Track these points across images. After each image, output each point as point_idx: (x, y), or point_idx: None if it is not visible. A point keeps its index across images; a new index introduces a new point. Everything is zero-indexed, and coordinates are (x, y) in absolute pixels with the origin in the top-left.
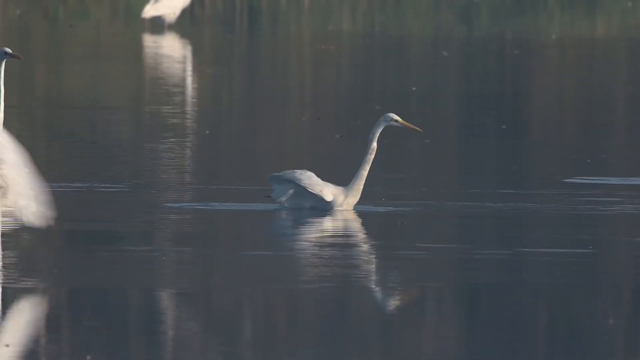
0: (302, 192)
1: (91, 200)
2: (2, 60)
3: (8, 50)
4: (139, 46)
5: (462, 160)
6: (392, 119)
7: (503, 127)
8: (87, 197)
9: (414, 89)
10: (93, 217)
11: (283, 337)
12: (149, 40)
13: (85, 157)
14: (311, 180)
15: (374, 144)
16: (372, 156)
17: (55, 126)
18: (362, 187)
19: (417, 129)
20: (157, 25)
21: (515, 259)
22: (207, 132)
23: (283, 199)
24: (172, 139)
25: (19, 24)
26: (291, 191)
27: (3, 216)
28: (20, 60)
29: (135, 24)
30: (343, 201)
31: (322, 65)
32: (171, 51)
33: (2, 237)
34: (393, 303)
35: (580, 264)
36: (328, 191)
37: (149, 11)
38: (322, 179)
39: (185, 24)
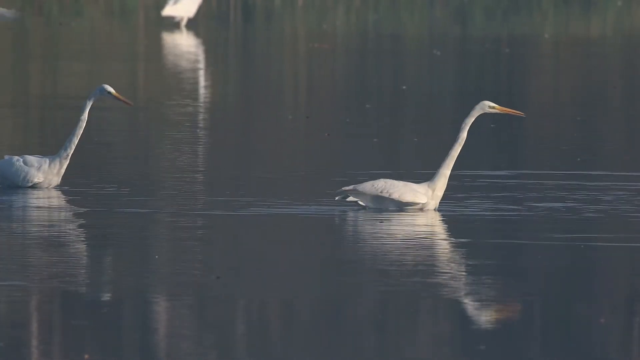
0: (392, 202)
1: (85, 200)
2: (96, 96)
3: (110, 89)
4: (133, 44)
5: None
6: (488, 107)
7: (492, 125)
8: (81, 197)
9: (404, 87)
10: (88, 216)
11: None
12: (143, 38)
13: (79, 157)
14: (399, 190)
15: (464, 134)
16: (460, 147)
17: (50, 125)
18: (448, 176)
19: (519, 113)
20: (158, 23)
21: (515, 263)
22: (198, 130)
23: (367, 204)
24: (164, 138)
25: (13, 22)
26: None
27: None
28: (129, 106)
29: (130, 22)
30: (431, 196)
31: (314, 64)
32: (165, 49)
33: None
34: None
35: (573, 260)
36: (420, 195)
37: (168, 11)
38: (312, 178)
39: (173, 22)
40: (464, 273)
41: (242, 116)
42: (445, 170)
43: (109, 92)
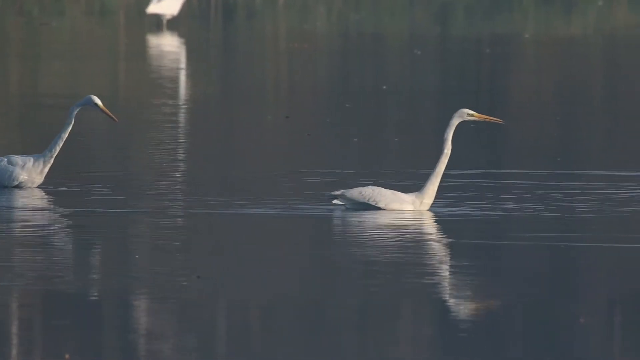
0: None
1: (65, 199)
2: (83, 105)
3: (98, 101)
4: (114, 43)
5: (429, 158)
6: (466, 114)
7: (472, 125)
8: (61, 196)
9: (384, 87)
10: (68, 216)
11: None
12: (124, 37)
13: (61, 155)
14: (386, 199)
15: (449, 145)
16: (447, 158)
17: (31, 124)
18: (437, 188)
19: (498, 120)
20: (140, 22)
21: (495, 264)
22: (179, 130)
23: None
24: (144, 138)
25: None
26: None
27: None
28: (115, 122)
29: (111, 22)
30: (419, 206)
31: (295, 64)
32: (146, 49)
33: None
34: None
35: (554, 260)
36: (407, 204)
37: (152, 9)
38: (292, 177)
39: (157, 20)
40: (448, 273)
41: (222, 116)
42: (434, 182)
43: (96, 104)
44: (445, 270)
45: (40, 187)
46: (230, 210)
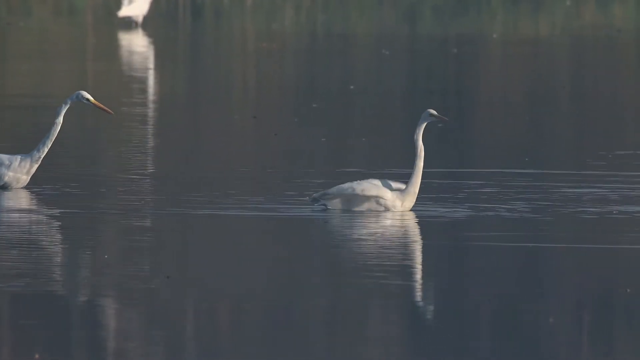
0: (360, 200)
1: (33, 200)
2: (72, 101)
3: (88, 96)
4: (82, 43)
5: (395, 159)
6: (429, 115)
7: (440, 125)
8: (29, 197)
9: (352, 87)
10: (37, 216)
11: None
12: (92, 37)
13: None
14: (363, 185)
15: (421, 144)
16: (422, 159)
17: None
18: (417, 188)
19: (445, 119)
20: (107, 22)
21: (461, 261)
22: (147, 130)
23: (334, 206)
24: (113, 137)
25: None
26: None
27: None
28: (110, 114)
29: (78, 22)
30: (400, 205)
31: (263, 63)
32: (114, 49)
33: None
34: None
35: (523, 261)
36: (384, 190)
37: (124, 11)
38: (260, 177)
39: (130, 21)
40: (421, 273)
41: (190, 115)
42: (415, 182)
43: (87, 100)
44: (418, 271)
45: (22, 188)
46: (199, 210)
